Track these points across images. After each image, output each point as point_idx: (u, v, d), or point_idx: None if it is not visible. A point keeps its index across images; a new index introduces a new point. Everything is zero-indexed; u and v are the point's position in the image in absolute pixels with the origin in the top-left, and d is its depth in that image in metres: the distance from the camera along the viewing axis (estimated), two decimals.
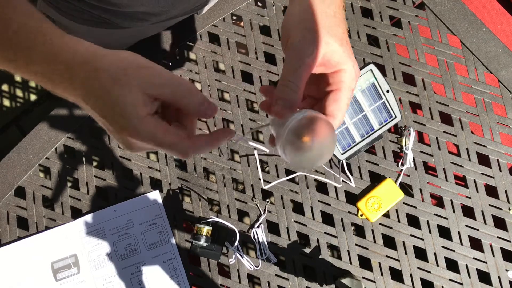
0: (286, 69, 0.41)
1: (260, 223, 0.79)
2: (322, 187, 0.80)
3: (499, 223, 0.79)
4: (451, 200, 0.79)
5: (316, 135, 0.38)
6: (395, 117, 0.77)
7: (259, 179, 0.80)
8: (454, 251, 0.78)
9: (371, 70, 0.75)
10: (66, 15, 0.76)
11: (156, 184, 0.81)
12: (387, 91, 0.76)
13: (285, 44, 0.43)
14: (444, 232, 0.79)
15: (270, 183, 0.80)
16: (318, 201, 0.80)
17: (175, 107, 0.42)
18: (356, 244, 0.79)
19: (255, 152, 0.80)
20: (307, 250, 0.79)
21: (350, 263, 0.78)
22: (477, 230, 0.78)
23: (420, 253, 0.78)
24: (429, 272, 0.78)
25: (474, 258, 0.78)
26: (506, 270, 0.77)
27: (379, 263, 0.78)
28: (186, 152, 0.40)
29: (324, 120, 0.39)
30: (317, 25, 0.41)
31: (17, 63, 0.40)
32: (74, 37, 0.41)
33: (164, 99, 0.40)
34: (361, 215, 0.79)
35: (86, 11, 0.72)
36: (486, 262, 0.78)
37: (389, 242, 0.78)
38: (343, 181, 0.80)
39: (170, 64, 0.83)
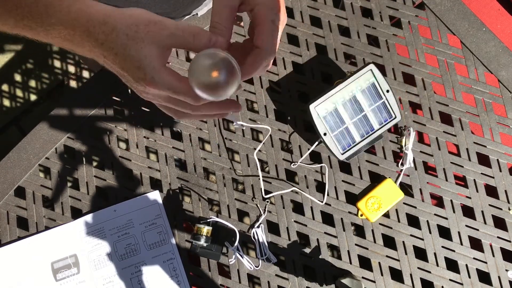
0: (213, 13, 0.46)
1: (260, 223, 0.79)
2: (322, 187, 0.80)
3: (499, 223, 0.79)
4: (451, 200, 0.79)
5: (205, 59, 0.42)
6: (395, 117, 0.77)
7: (259, 179, 0.80)
8: (454, 251, 0.78)
9: (371, 70, 0.75)
10: None
11: (156, 184, 0.81)
12: (387, 91, 0.76)
13: None
14: (444, 232, 0.79)
15: (270, 183, 0.80)
16: (318, 201, 0.80)
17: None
18: (356, 244, 0.79)
19: (254, 154, 0.80)
20: (307, 250, 0.79)
21: (350, 263, 0.78)
22: (477, 230, 0.78)
23: (420, 253, 0.78)
24: (429, 272, 0.78)
25: (474, 258, 0.78)
26: (506, 270, 0.77)
27: (379, 263, 0.78)
28: (198, 98, 0.44)
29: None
30: None
31: (37, 30, 0.44)
32: (88, 0, 0.44)
33: (175, 47, 0.44)
34: (361, 215, 0.79)
35: None
36: (486, 262, 0.78)
37: (389, 242, 0.78)
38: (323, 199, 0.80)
39: (169, 63, 0.83)
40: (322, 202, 0.79)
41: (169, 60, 0.84)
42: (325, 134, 0.76)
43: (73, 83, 1.65)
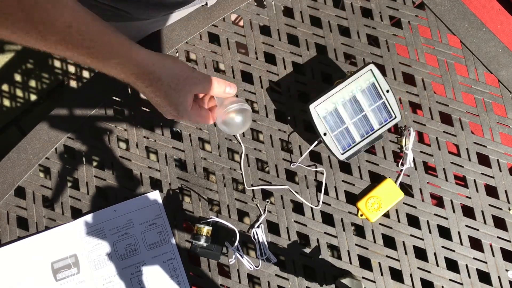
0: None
1: (260, 223, 0.79)
2: (322, 187, 0.80)
3: (499, 223, 0.79)
4: (451, 200, 0.79)
5: (240, 113, 0.65)
6: (395, 117, 0.77)
7: (259, 179, 0.80)
8: (454, 251, 0.78)
9: (371, 70, 0.75)
10: None
11: (156, 184, 0.81)
12: (387, 91, 0.76)
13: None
14: (444, 232, 0.79)
15: (270, 183, 0.80)
16: (318, 201, 0.80)
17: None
18: (356, 244, 0.79)
19: (241, 151, 0.80)
20: (307, 250, 0.79)
21: (350, 263, 0.78)
22: (477, 230, 0.78)
23: (420, 253, 0.78)
24: (429, 272, 0.78)
25: (474, 258, 0.78)
26: (506, 270, 0.77)
27: (379, 263, 0.78)
28: (209, 123, 0.67)
29: (245, 106, 0.66)
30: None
31: (98, 67, 0.55)
32: (135, 46, 0.57)
33: (203, 94, 0.66)
34: (361, 215, 0.79)
35: (99, 3, 0.73)
36: (486, 262, 0.78)
37: (389, 242, 0.78)
38: (321, 202, 0.80)
39: None
40: (317, 206, 0.79)
41: None
42: (325, 134, 0.76)
43: (73, 83, 1.65)
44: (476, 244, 0.78)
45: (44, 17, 0.48)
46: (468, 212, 0.79)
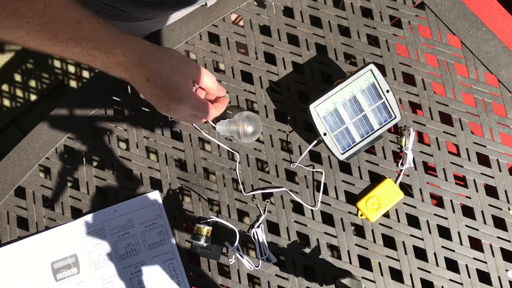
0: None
1: (260, 223, 0.79)
2: (322, 187, 0.80)
3: (499, 223, 0.79)
4: (451, 200, 0.79)
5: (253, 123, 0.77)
6: (395, 117, 0.77)
7: (259, 179, 0.80)
8: (454, 251, 0.78)
9: (371, 70, 0.75)
10: None
11: (156, 184, 0.81)
12: (387, 91, 0.76)
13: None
14: (444, 232, 0.79)
15: (270, 183, 0.80)
16: (316, 201, 0.80)
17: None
18: (356, 244, 0.79)
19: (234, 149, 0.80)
20: (307, 250, 0.79)
21: (350, 263, 0.78)
22: (477, 230, 0.78)
23: (420, 253, 0.78)
24: (429, 272, 0.78)
25: (474, 258, 0.78)
26: (506, 270, 0.77)
27: (379, 263, 0.78)
28: (206, 118, 0.66)
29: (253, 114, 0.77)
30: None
31: (104, 63, 0.56)
32: (140, 39, 0.59)
33: (200, 84, 0.65)
34: (361, 215, 0.79)
35: (101, 3, 0.74)
36: (486, 262, 0.78)
37: (389, 242, 0.78)
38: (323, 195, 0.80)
39: None
40: (314, 206, 0.79)
41: None
42: (325, 134, 0.76)
43: (73, 83, 1.65)
44: (476, 244, 0.78)
45: (56, 16, 0.51)
46: (468, 212, 0.79)
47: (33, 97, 1.64)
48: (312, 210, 0.79)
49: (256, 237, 0.79)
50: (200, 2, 0.81)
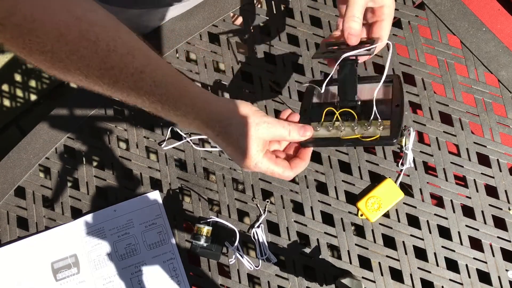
0: (352, 7, 0.55)
1: (260, 223, 0.79)
2: (322, 187, 0.80)
3: (499, 223, 0.79)
4: (451, 200, 0.79)
5: None
6: (392, 140, 0.76)
7: (259, 179, 0.80)
8: (454, 251, 0.78)
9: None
10: None
11: (156, 184, 0.81)
12: (396, 106, 0.76)
13: None
14: (444, 232, 0.79)
15: (270, 183, 0.80)
16: (318, 201, 0.80)
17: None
18: (356, 244, 0.79)
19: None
20: (307, 250, 0.79)
21: (350, 263, 0.78)
22: (477, 230, 0.78)
23: (420, 253, 0.78)
24: (429, 272, 0.78)
25: (474, 258, 0.78)
26: (506, 270, 0.77)
27: (379, 263, 0.78)
28: (289, 177, 0.58)
29: None
30: None
31: (163, 113, 0.53)
32: (208, 95, 0.55)
33: (274, 140, 0.58)
34: (361, 215, 0.79)
35: None
36: (486, 262, 0.78)
37: (389, 242, 0.78)
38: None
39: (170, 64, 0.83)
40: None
41: (169, 60, 0.84)
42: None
43: (73, 83, 1.65)
44: (476, 244, 0.78)
45: (118, 63, 0.47)
46: (468, 212, 0.79)
47: (33, 97, 1.64)
48: (312, 210, 0.79)
49: (256, 237, 0.79)
50: None
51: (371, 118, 0.58)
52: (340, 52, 0.57)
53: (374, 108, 0.58)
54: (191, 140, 0.82)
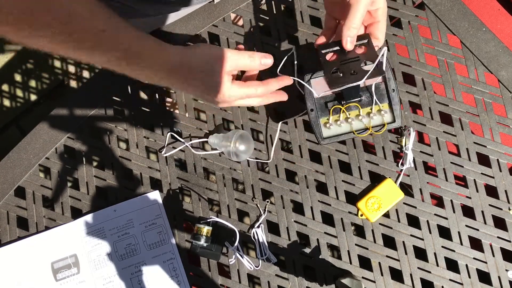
0: (353, 17, 0.60)
1: (260, 223, 0.79)
2: (322, 187, 0.80)
3: (499, 223, 0.79)
4: (451, 200, 0.79)
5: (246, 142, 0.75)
6: (394, 121, 0.77)
7: (259, 179, 0.80)
8: (454, 251, 0.78)
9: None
10: None
11: (156, 184, 0.81)
12: (393, 90, 0.76)
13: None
14: (444, 232, 0.79)
15: (270, 183, 0.80)
16: (318, 201, 0.80)
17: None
18: (356, 244, 0.79)
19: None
20: (307, 250, 0.79)
21: (350, 263, 0.78)
22: (477, 230, 0.78)
23: (420, 253, 0.78)
24: (429, 272, 0.78)
25: (474, 258, 0.78)
26: (506, 270, 0.77)
27: (379, 263, 0.78)
28: (264, 93, 0.66)
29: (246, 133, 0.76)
30: None
31: (124, 68, 0.56)
32: (168, 46, 0.59)
33: (237, 69, 0.65)
34: (361, 215, 0.79)
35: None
36: (486, 262, 0.78)
37: (389, 242, 0.78)
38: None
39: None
40: (268, 160, 0.79)
41: None
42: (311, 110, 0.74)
43: (73, 83, 1.65)
44: (476, 244, 0.78)
45: (80, 24, 0.50)
46: (468, 212, 0.79)
47: (33, 97, 1.64)
48: (312, 210, 0.79)
49: (256, 237, 0.79)
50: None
51: (373, 104, 0.69)
52: (352, 79, 0.64)
53: (374, 98, 0.69)
54: (190, 145, 0.82)
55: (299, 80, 0.69)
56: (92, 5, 0.52)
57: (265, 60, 0.64)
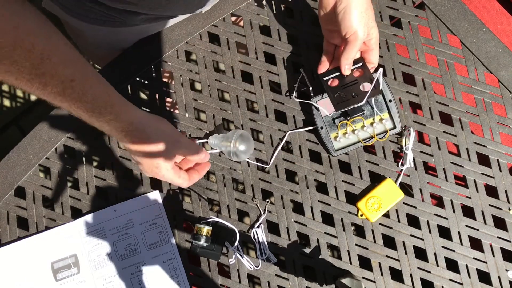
0: (350, 50, 0.71)
1: (260, 223, 0.79)
2: (322, 187, 0.80)
3: (499, 223, 0.79)
4: (451, 200, 0.79)
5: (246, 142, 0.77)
6: (395, 127, 0.78)
7: (259, 179, 0.80)
8: (454, 251, 0.78)
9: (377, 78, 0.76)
10: (72, 13, 0.76)
11: (156, 184, 0.81)
12: (390, 101, 0.78)
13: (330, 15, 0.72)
14: (444, 232, 0.79)
15: (270, 183, 0.80)
16: (318, 201, 0.80)
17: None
18: (356, 244, 0.79)
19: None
20: (307, 250, 0.79)
21: (350, 263, 0.78)
22: (477, 230, 0.78)
23: (420, 253, 0.78)
24: (429, 272, 0.78)
25: (474, 258, 0.78)
26: (506, 270, 0.77)
27: (379, 263, 0.78)
28: (185, 186, 0.71)
29: (246, 133, 0.78)
30: (369, 18, 0.70)
31: (89, 120, 0.58)
32: (131, 106, 0.62)
33: (181, 156, 0.69)
34: (361, 215, 0.79)
35: (94, 9, 0.73)
36: (486, 262, 0.78)
37: (389, 242, 0.78)
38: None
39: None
40: (267, 164, 0.79)
41: (169, 60, 0.84)
42: (322, 128, 0.79)
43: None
44: (476, 244, 0.78)
45: (49, 70, 0.50)
46: (468, 212, 0.79)
47: (33, 97, 1.64)
48: (312, 210, 0.79)
49: (256, 237, 0.79)
50: (196, 10, 0.81)
51: (375, 115, 0.78)
52: (354, 101, 0.73)
53: (375, 110, 0.78)
54: None
55: (314, 104, 0.79)
56: (66, 52, 0.52)
57: (204, 157, 0.69)
